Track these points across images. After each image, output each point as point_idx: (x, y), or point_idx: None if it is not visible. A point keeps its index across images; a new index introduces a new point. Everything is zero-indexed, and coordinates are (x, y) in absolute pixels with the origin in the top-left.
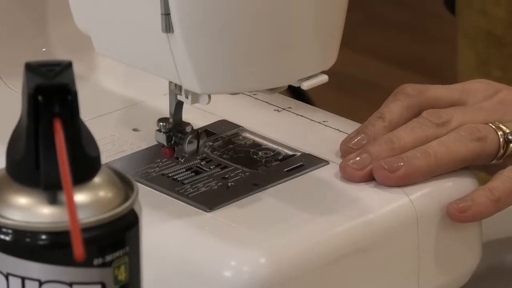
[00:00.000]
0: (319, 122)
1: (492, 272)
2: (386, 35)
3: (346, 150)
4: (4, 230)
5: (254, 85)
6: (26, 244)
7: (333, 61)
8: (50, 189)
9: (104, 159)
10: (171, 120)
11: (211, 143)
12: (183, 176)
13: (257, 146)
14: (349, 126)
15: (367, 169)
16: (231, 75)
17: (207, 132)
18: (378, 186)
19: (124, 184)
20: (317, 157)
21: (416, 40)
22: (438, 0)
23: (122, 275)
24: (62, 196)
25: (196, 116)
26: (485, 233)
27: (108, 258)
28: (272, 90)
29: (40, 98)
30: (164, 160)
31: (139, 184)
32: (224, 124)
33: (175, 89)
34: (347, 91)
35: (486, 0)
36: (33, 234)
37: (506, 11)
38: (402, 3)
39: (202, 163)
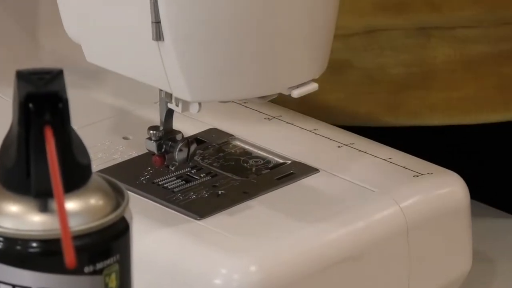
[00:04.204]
0: (309, 130)
1: (482, 279)
2: None
3: None
4: None
5: (245, 93)
6: (17, 252)
7: (323, 69)
8: (41, 197)
9: (95, 167)
10: (161, 128)
11: (201, 151)
12: (173, 184)
13: (247, 154)
14: (339, 135)
15: None
16: (222, 83)
17: (197, 140)
18: (369, 194)
19: (115, 192)
20: (308, 165)
21: None
22: None
23: (113, 283)
24: (53, 204)
25: (186, 124)
26: (475, 239)
27: (99, 266)
28: (263, 98)
29: (31, 106)
30: (155, 168)
31: (129, 192)
32: (214, 132)
33: (166, 97)
34: None
35: None
36: (24, 242)
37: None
38: None
39: (192, 171)
